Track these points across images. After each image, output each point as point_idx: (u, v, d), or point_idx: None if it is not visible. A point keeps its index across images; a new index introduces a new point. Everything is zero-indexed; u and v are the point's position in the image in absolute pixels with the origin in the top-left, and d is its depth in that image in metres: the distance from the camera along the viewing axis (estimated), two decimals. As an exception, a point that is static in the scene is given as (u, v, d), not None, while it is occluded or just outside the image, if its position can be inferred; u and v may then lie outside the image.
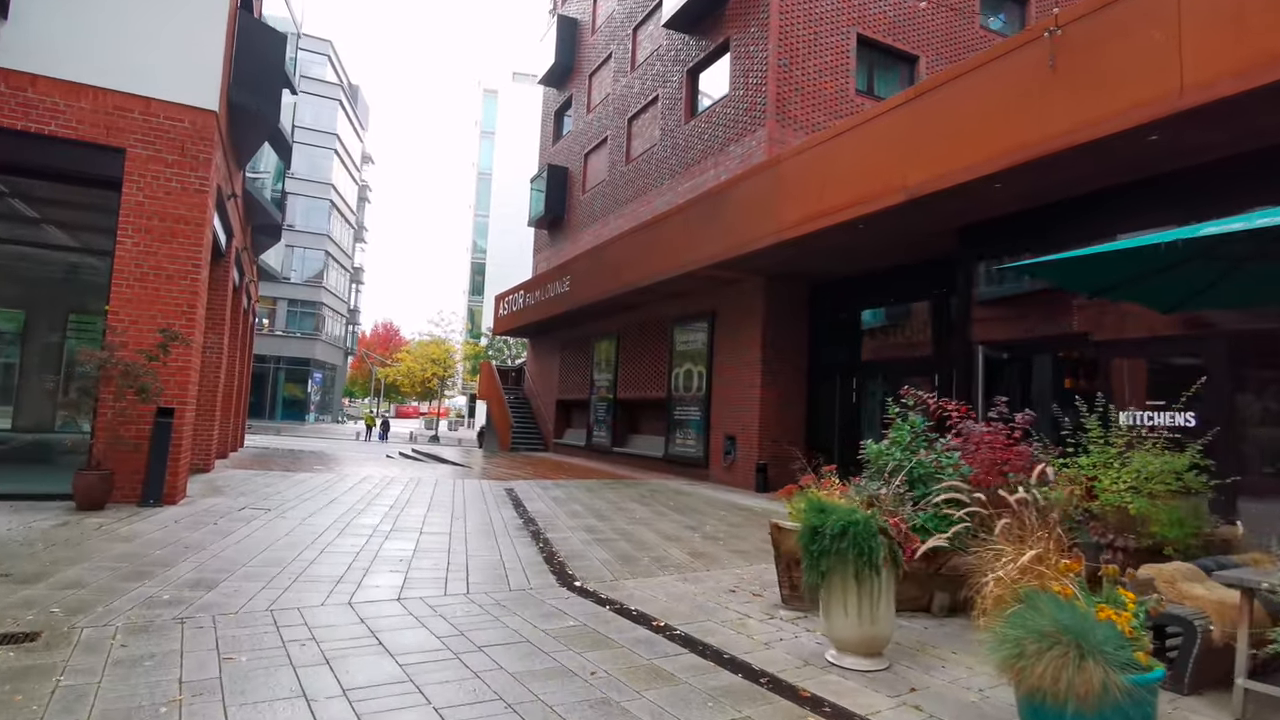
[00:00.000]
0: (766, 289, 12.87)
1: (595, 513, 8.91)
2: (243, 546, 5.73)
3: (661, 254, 13.76)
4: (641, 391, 16.99)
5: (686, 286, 14.26)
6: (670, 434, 15.26)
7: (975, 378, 8.06)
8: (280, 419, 45.04)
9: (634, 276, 14.75)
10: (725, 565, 6.10)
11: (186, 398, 7.43)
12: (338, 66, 48.50)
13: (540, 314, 20.32)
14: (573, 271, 17.98)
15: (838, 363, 12.71)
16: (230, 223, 10.23)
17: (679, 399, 15.04)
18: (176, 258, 7.42)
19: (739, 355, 13.29)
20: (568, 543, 6.79)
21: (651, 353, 16.63)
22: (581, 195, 21.66)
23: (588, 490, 11.43)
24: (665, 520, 8.56)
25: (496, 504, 9.38)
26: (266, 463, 13.76)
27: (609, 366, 18.51)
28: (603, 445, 18.41)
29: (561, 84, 24.29)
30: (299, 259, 46.29)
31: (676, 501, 10.41)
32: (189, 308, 7.45)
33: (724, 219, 11.81)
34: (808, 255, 11.11)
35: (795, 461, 11.97)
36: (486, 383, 25.05)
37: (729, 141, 14.28)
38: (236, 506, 7.61)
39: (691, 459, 14.38)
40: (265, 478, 10.66)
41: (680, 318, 15.25)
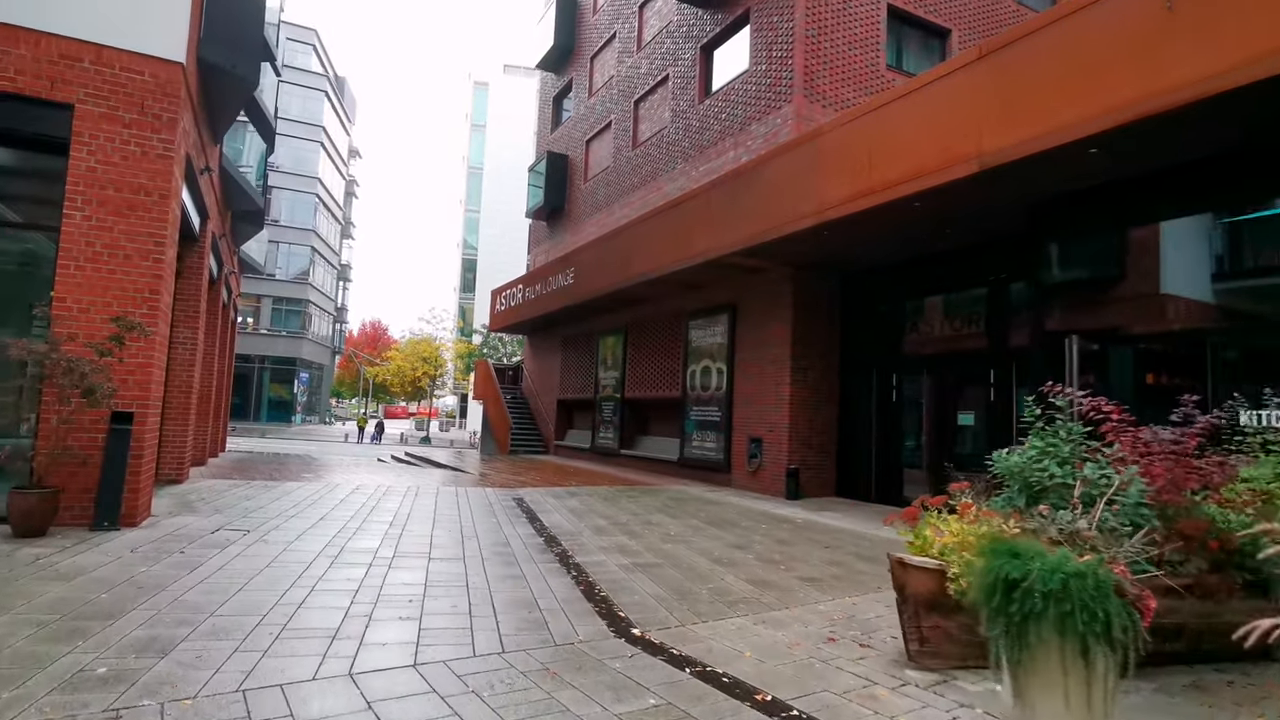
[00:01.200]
0: (795, 279, 11.84)
1: (622, 528, 7.84)
2: (213, 584, 4.62)
3: (678, 242, 12.70)
4: (652, 390, 15.93)
5: (704, 277, 13.21)
6: (686, 436, 14.21)
7: (1068, 371, 7.05)
8: (265, 421, 43.64)
9: (646, 267, 13.68)
10: (801, 598, 5.05)
11: (148, 400, 6.29)
12: (323, 56, 47.09)
13: (541, 309, 19.21)
14: (578, 263, 16.89)
15: (873, 358, 11.69)
16: (205, 202, 9.07)
17: (695, 398, 13.99)
18: (136, 235, 6.28)
19: (764, 351, 12.26)
20: (604, 570, 5.72)
21: (663, 349, 15.57)
22: (583, 184, 20.56)
23: (605, 500, 10.35)
24: (704, 537, 7.50)
25: (508, 518, 8.29)
26: (249, 470, 12.59)
27: (616, 364, 17.44)
28: (609, 447, 17.34)
29: (560, 68, 23.17)
30: (284, 255, 44.87)
31: (708, 513, 9.36)
32: (151, 294, 6.31)
33: (752, 201, 10.76)
34: (847, 240, 10.09)
35: (824, 465, 10.91)
36: (483, 382, 23.90)
37: (750, 120, 13.24)
38: (210, 528, 6.47)
39: (711, 463, 13.34)
40: (246, 489, 9.50)
41: (696, 311, 14.19)
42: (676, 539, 7.29)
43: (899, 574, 3.75)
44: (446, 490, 10.74)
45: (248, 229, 14.80)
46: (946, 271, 10.31)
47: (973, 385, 10.04)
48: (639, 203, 17.03)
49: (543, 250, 23.02)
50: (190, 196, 8.27)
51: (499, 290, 23.14)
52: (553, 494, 10.84)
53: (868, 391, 11.60)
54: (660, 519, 8.63)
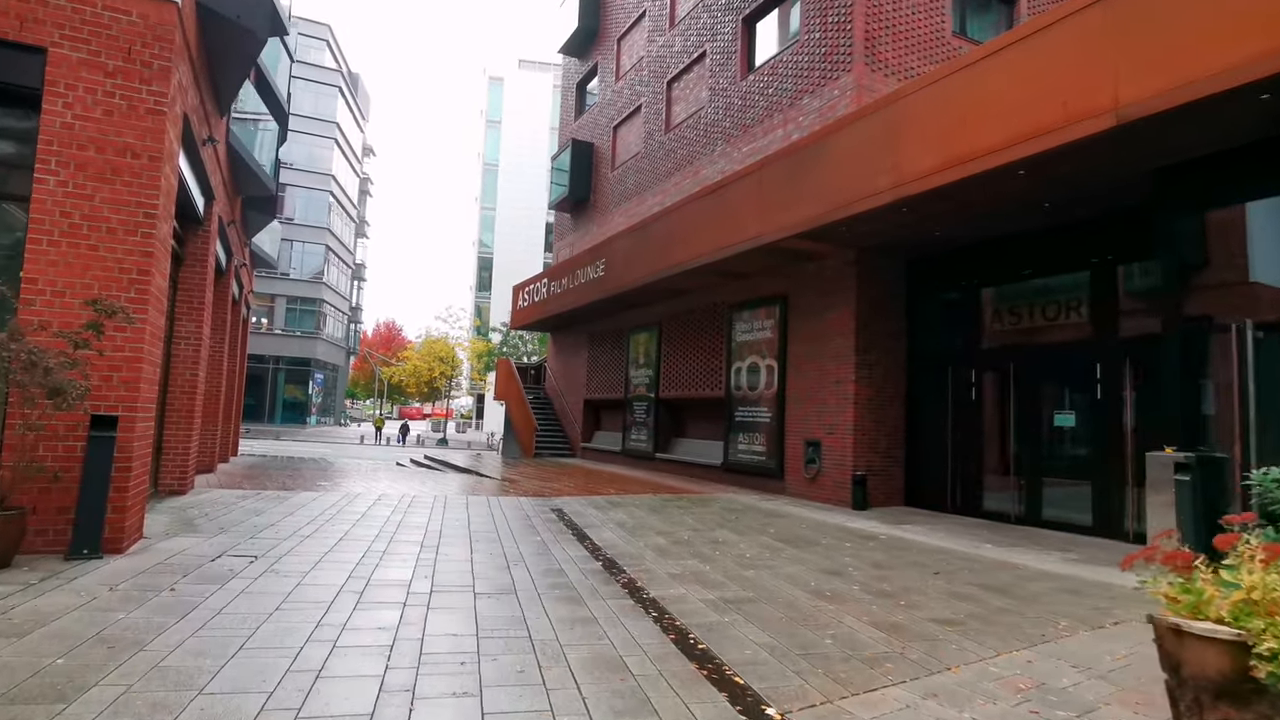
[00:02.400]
0: (859, 264, 10.71)
1: (687, 547, 6.75)
2: (206, 640, 3.59)
3: (724, 227, 11.60)
4: (690, 390, 14.84)
5: (752, 266, 12.11)
6: (730, 439, 13.10)
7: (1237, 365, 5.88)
8: (280, 422, 42.95)
9: (688, 255, 12.59)
10: (956, 654, 3.95)
11: (137, 401, 5.28)
12: (336, 52, 46.36)
13: (567, 304, 18.16)
14: (609, 254, 15.82)
15: (947, 352, 10.55)
16: (210, 180, 8.08)
17: (741, 398, 12.88)
18: (121, 204, 5.27)
19: (822, 345, 11.14)
20: (689, 608, 4.65)
21: (703, 345, 14.48)
22: (611, 172, 19.49)
23: (654, 511, 9.28)
24: (785, 559, 6.40)
25: (552, 534, 7.23)
26: (261, 478, 11.62)
27: (649, 362, 16.36)
28: (642, 450, 16.26)
29: (585, 52, 22.13)
30: (298, 253, 44.18)
31: (776, 528, 8.26)
32: (140, 274, 5.30)
33: (813, 178, 9.65)
34: (927, 218, 8.96)
35: (891, 471, 9.76)
36: (505, 382, 22.89)
37: (801, 94, 12.12)
38: (211, 553, 5.45)
39: (760, 468, 12.23)
40: (257, 501, 8.51)
41: (741, 304, 13.09)
42: (755, 563, 6.20)
43: (1170, 645, 2.64)
44: (476, 500, 9.71)
45: (259, 219, 13.85)
46: (1037, 253, 9.14)
47: (1072, 382, 8.88)
48: (674, 189, 15.95)
49: (567, 243, 21.98)
50: (191, 169, 7.27)
51: (521, 286, 22.13)
52: (593, 504, 9.78)
53: (940, 389, 10.45)
54: (725, 536, 7.54)
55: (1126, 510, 8.00)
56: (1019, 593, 5.39)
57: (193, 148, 6.99)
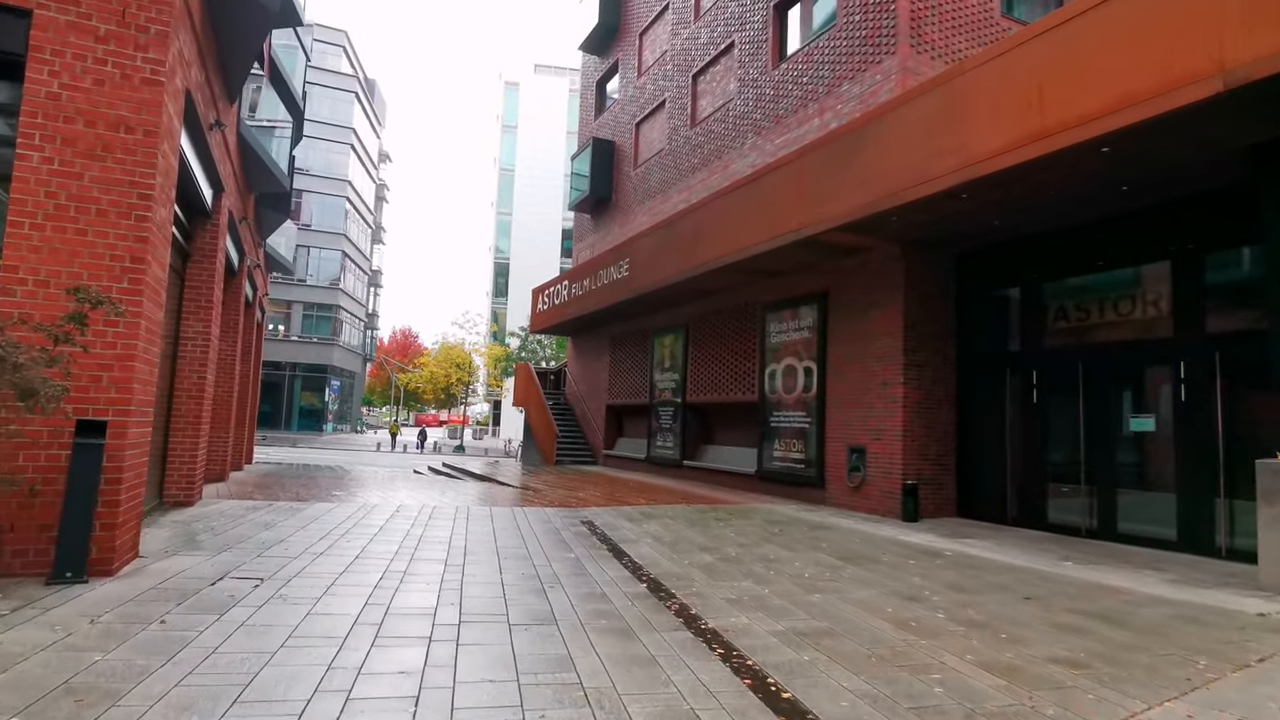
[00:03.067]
0: (907, 258, 10.01)
1: (736, 565, 6.08)
2: (194, 689, 2.97)
3: (760, 220, 10.95)
4: (719, 394, 14.17)
5: (788, 262, 11.45)
6: (765, 445, 12.41)
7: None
8: (296, 429, 42.69)
9: (719, 252, 11.95)
10: (1090, 703, 3.26)
11: (130, 403, 4.70)
12: (353, 58, 46.28)
13: (588, 306, 17.56)
14: (633, 253, 15.21)
15: (1004, 351, 9.82)
16: (217, 167, 7.55)
17: (777, 402, 12.19)
18: (113, 184, 4.72)
19: (866, 345, 10.44)
20: (758, 643, 3.99)
21: (733, 347, 13.81)
22: (633, 170, 18.91)
23: (691, 523, 8.62)
24: (850, 581, 5.72)
25: (586, 550, 6.59)
26: (274, 487, 11.08)
27: (675, 365, 15.71)
28: (668, 458, 15.59)
29: (605, 48, 21.60)
30: (315, 259, 43.99)
31: (828, 542, 7.56)
32: (134, 263, 4.73)
33: (860, 165, 8.99)
34: (989, 205, 8.27)
35: (942, 479, 9.03)
36: (524, 387, 22.32)
37: (840, 80, 11.47)
38: (212, 574, 4.86)
39: (799, 477, 11.52)
40: (268, 512, 7.94)
41: (776, 303, 12.42)
42: (817, 584, 5.52)
43: None
44: (500, 511, 9.09)
45: (274, 218, 13.38)
46: (1110, 242, 8.41)
47: (1151, 383, 8.13)
48: (700, 185, 15.33)
49: (587, 245, 21.41)
50: (196, 155, 6.74)
51: (540, 289, 21.57)
52: (624, 515, 9.13)
53: (996, 391, 9.71)
54: (775, 552, 6.86)
55: (1217, 524, 7.23)
56: (1134, 623, 4.67)
57: (198, 131, 6.45)
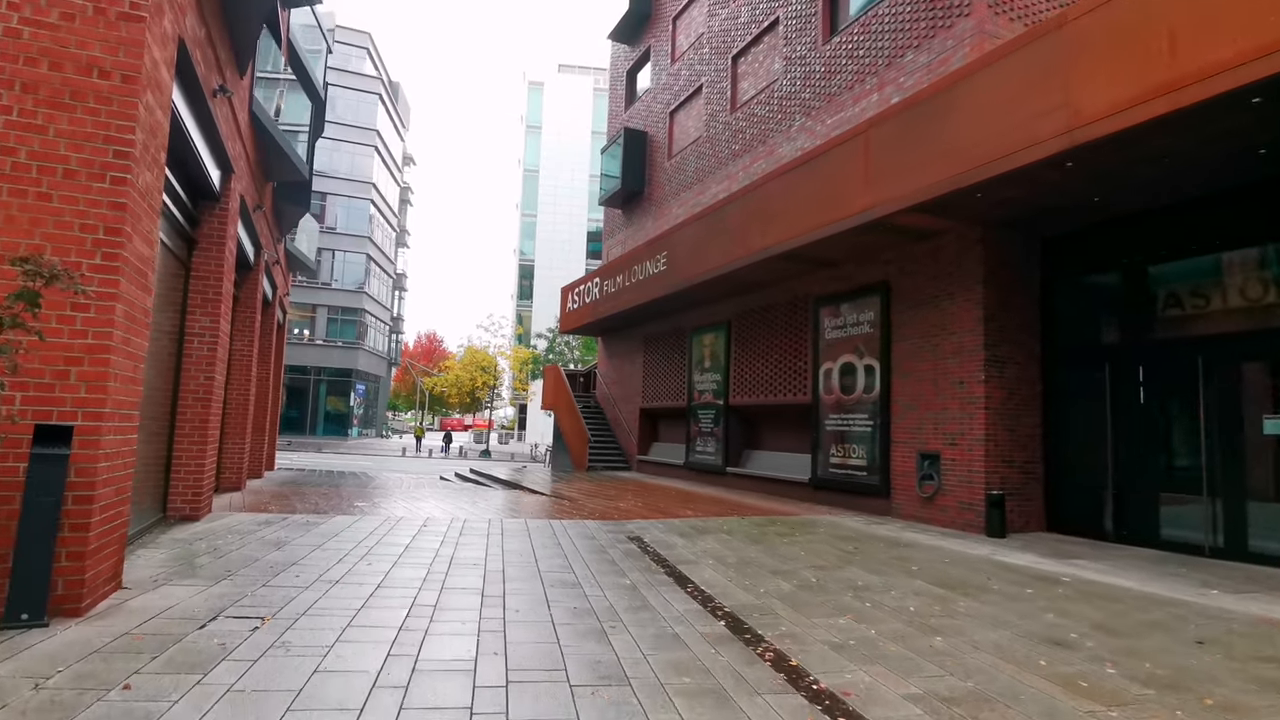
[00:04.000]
0: (986, 243, 8.97)
1: (819, 593, 5.11)
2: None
3: (817, 204, 9.98)
4: (766, 395, 13.17)
5: (845, 250, 10.46)
6: (820, 451, 11.40)
7: None
8: (321, 434, 42.39)
9: (769, 240, 10.98)
10: None
11: (104, 405, 3.87)
12: (377, 60, 46.02)
13: (622, 304, 16.66)
14: (672, 245, 14.29)
15: (1100, 344, 8.74)
16: (224, 145, 6.77)
17: (833, 404, 11.18)
18: (84, 140, 3.90)
19: (939, 340, 9.41)
20: (899, 715, 3.03)
21: (782, 345, 12.81)
22: (667, 161, 18.01)
23: (751, 539, 7.65)
24: (968, 616, 4.72)
25: (642, 574, 5.66)
26: (292, 497, 10.31)
27: (716, 365, 14.75)
28: (710, 464, 14.62)
29: (636, 36, 20.75)
30: (340, 263, 43.69)
31: (916, 564, 6.55)
32: (109, 234, 3.91)
33: (941, 135, 7.98)
34: (1091, 177, 7.22)
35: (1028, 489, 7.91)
36: (553, 389, 21.49)
37: (902, 50, 10.45)
38: (204, 613, 4.01)
39: (860, 485, 10.50)
40: (282, 528, 7.13)
41: (830, 296, 11.41)
42: (932, 623, 4.54)
43: None
44: (537, 524, 8.20)
45: (293, 212, 12.67)
46: (1237, 217, 7.31)
47: None
48: (742, 173, 14.38)
49: (618, 241, 20.54)
50: (197, 123, 5.95)
51: (570, 287, 20.73)
52: (674, 529, 8.19)
53: (1093, 389, 8.62)
54: (860, 576, 5.87)
55: (1383, 544, 6.12)
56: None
57: (198, 95, 5.66)
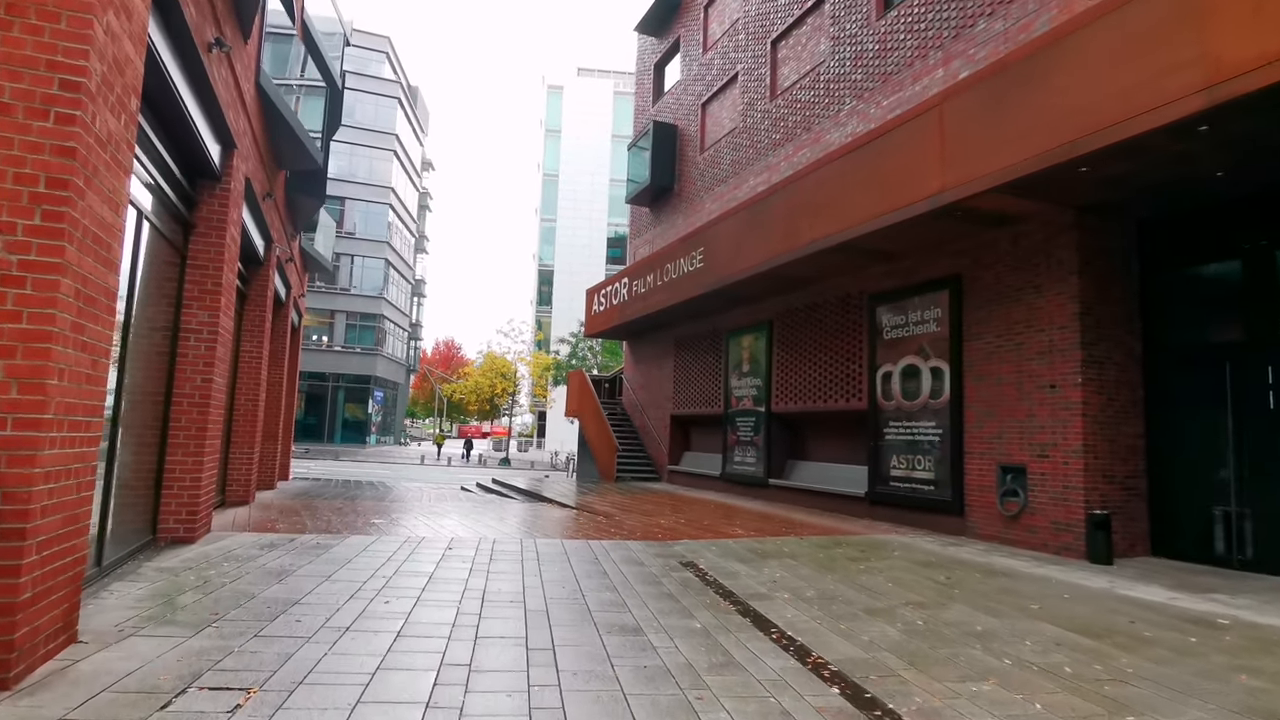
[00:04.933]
0: (1079, 228, 7.94)
1: (938, 642, 4.10)
2: None
3: (878, 189, 9.00)
4: (814, 401, 12.16)
5: (908, 241, 9.46)
6: (878, 462, 10.36)
7: None
8: (339, 442, 41.80)
9: (822, 231, 10.00)
10: None
11: (44, 410, 2.97)
12: (396, 65, 45.64)
13: (652, 304, 15.72)
14: (709, 241, 13.34)
15: (1216, 342, 7.66)
16: (224, 114, 5.92)
17: (894, 410, 10.15)
18: (22, 66, 3.04)
19: (1023, 336, 8.37)
20: None
21: (832, 346, 11.80)
22: (700, 155, 17.09)
23: (821, 565, 6.64)
24: (1145, 681, 3.70)
25: (714, 616, 4.68)
26: (304, 512, 9.45)
27: (756, 369, 13.75)
28: (750, 475, 13.61)
29: (664, 27, 19.90)
30: (358, 268, 43.21)
31: (1037, 601, 5.51)
32: (53, 189, 3.03)
33: (1036, 103, 6.97)
34: (1225, 142, 6.18)
35: (1131, 507, 6.80)
36: (578, 396, 20.57)
37: (973, 18, 9.45)
38: (169, 684, 3.09)
39: (927, 501, 9.45)
40: (287, 553, 6.23)
41: (888, 292, 10.40)
42: (1106, 693, 3.52)
43: None
44: (575, 546, 7.25)
45: (307, 205, 11.88)
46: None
47: None
48: (784, 163, 13.41)
49: (646, 240, 19.64)
50: (190, 85, 5.10)
51: (595, 289, 19.85)
52: (729, 552, 7.21)
53: (1209, 393, 7.53)
54: (974, 618, 4.85)
55: None
56: None
57: (188, 48, 4.81)
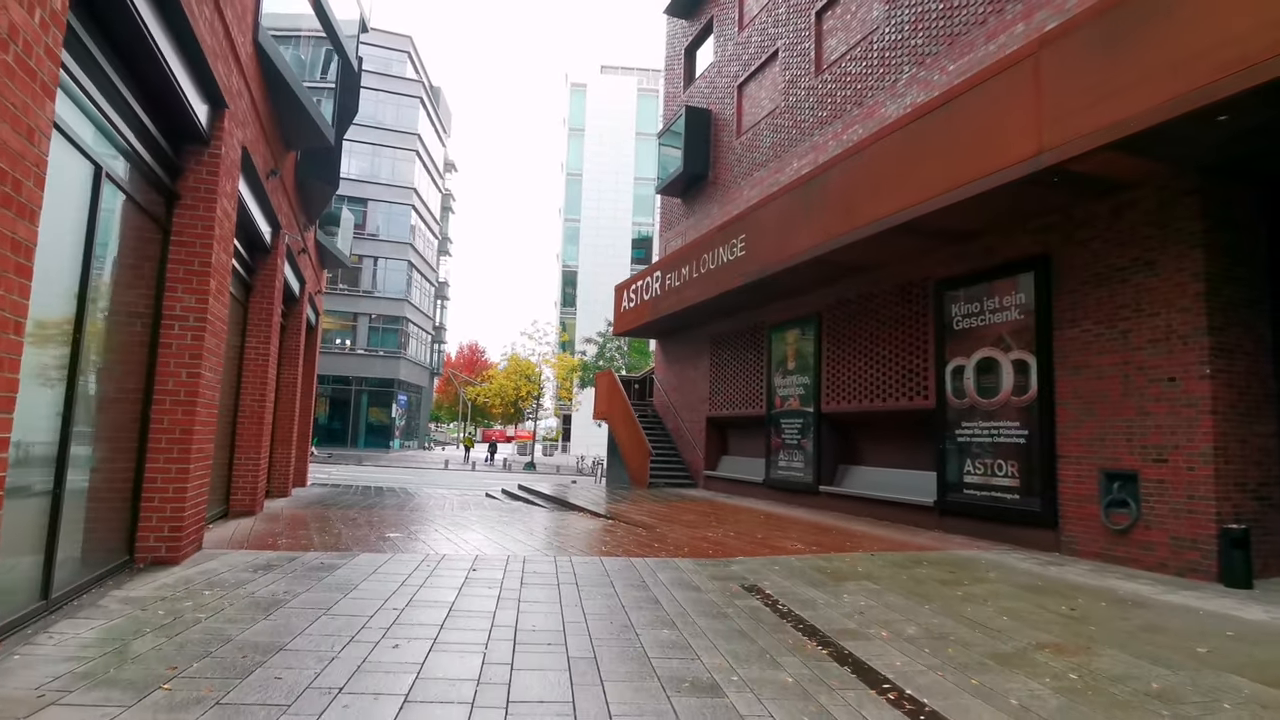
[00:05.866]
0: (1201, 193, 6.80)
1: (1120, 712, 3.05)
2: None
3: (951, 160, 7.93)
4: (870, 400, 11.06)
5: (984, 217, 8.38)
6: (950, 467, 9.25)
7: None
8: (363, 446, 41.32)
9: (879, 211, 8.95)
10: None
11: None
12: (418, 64, 45.19)
13: (688, 298, 14.72)
14: (752, 226, 12.30)
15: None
16: (210, 64, 5.05)
17: (968, 409, 9.03)
18: None
19: (1130, 322, 7.23)
20: None
21: (891, 339, 10.70)
22: (736, 139, 16.07)
23: (910, 591, 5.57)
24: None
25: (802, 664, 3.66)
26: (312, 525, 8.58)
27: (804, 366, 12.68)
28: (798, 481, 12.53)
29: (695, 8, 18.93)
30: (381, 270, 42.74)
31: (1204, 644, 4.40)
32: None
33: (1160, 43, 5.86)
34: None
35: (1267, 519, 5.44)
36: (607, 397, 19.62)
37: (1060, -35, 8.33)
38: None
39: (1010, 512, 8.32)
40: (282, 578, 5.32)
41: (962, 276, 9.29)
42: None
43: None
44: (616, 566, 6.26)
45: (320, 191, 11.06)
46: None
47: None
48: (832, 141, 12.35)
49: (678, 232, 18.65)
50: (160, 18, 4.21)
51: (625, 284, 18.89)
52: (794, 571, 6.17)
53: (1365, 388, 6.35)
54: (1139, 670, 3.77)
55: None
56: None
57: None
